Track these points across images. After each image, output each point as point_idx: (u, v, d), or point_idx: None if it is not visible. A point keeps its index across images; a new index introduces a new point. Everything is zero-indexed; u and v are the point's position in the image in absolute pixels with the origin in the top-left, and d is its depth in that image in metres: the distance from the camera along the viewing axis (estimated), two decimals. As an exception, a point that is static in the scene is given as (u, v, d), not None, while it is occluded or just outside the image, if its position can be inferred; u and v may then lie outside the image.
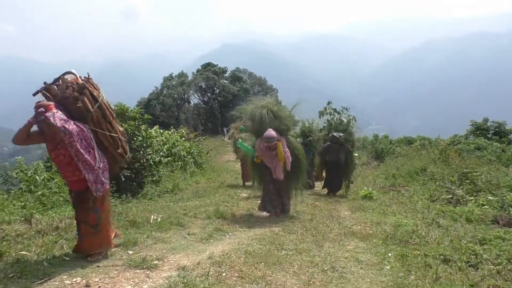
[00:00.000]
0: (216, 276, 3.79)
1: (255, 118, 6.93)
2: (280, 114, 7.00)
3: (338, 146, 9.73)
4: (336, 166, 9.79)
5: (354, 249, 5.01)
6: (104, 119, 4.20)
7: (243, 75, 49.78)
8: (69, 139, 3.67)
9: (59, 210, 6.19)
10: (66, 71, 4.19)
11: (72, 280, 3.58)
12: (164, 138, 14.48)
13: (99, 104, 4.10)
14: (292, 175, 7.02)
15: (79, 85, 4.03)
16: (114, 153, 4.36)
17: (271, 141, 6.56)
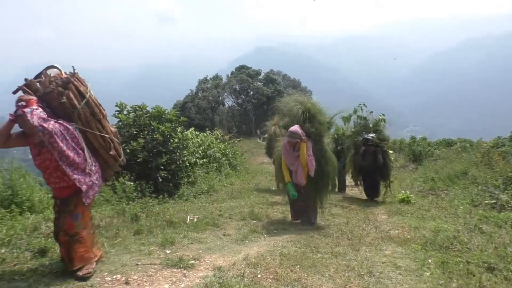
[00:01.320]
0: (252, 278, 3.80)
1: (290, 114, 6.60)
2: (316, 116, 6.53)
3: (373, 148, 9.23)
4: (374, 170, 9.26)
5: (391, 254, 4.89)
6: (93, 117, 3.77)
7: (277, 77, 49.78)
8: (49, 139, 3.26)
9: (100, 209, 6.39)
10: (48, 65, 3.80)
11: (112, 277, 3.69)
12: (199, 140, 14.69)
13: (86, 100, 3.68)
14: (315, 185, 6.46)
15: (63, 79, 3.63)
16: (105, 155, 3.93)
17: (293, 138, 6.09)
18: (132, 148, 8.46)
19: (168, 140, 9.26)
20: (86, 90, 3.73)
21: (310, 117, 6.46)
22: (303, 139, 6.11)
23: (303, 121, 6.38)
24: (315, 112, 6.53)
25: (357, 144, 9.72)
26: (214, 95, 44.70)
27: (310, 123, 6.40)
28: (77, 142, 3.54)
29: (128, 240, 5.12)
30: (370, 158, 9.21)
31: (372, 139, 9.35)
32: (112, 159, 3.99)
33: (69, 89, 3.55)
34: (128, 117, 9.21)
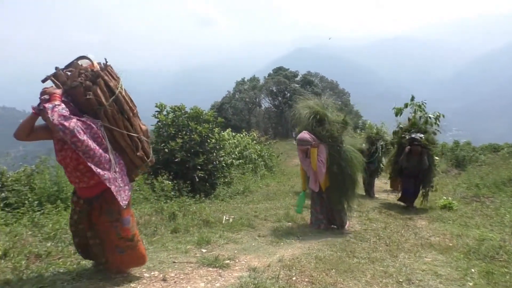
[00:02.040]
0: (286, 280, 3.79)
1: (300, 121, 6.32)
2: (326, 117, 6.22)
3: (420, 148, 8.36)
4: (417, 173, 8.48)
5: (432, 262, 4.72)
6: (121, 115, 3.48)
7: (314, 78, 49.34)
8: (71, 138, 2.99)
9: (139, 207, 6.57)
10: (80, 55, 3.49)
11: (150, 273, 3.79)
12: (236, 141, 14.80)
13: (115, 97, 3.38)
14: (336, 189, 6.19)
15: (93, 73, 3.31)
16: (132, 156, 3.62)
17: (302, 145, 5.95)
18: (171, 148, 8.65)
19: (206, 140, 9.39)
20: (116, 85, 3.44)
21: (320, 120, 6.18)
22: (314, 144, 5.90)
23: (313, 126, 6.11)
24: (324, 114, 6.22)
25: (401, 143, 8.88)
26: (251, 97, 44.90)
27: (321, 126, 6.12)
28: (100, 141, 3.25)
29: (166, 238, 5.25)
30: (415, 159, 8.39)
31: (420, 139, 8.49)
32: (139, 160, 3.68)
33: (97, 84, 3.26)
34: (167, 117, 9.42)
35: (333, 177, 6.09)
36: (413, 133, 8.68)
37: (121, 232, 3.42)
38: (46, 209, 5.48)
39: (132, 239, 3.50)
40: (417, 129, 8.88)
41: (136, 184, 7.67)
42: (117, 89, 3.42)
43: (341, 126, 6.24)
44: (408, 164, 8.47)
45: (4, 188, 5.96)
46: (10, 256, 3.90)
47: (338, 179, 6.09)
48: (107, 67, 3.48)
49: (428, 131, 8.98)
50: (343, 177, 6.10)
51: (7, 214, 5.32)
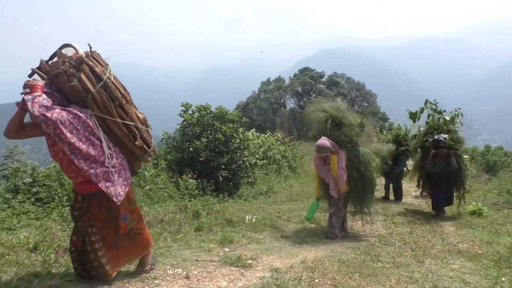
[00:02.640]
0: (309, 282, 3.76)
1: (316, 125, 6.07)
2: (344, 122, 5.94)
3: (445, 151, 7.75)
4: (447, 177, 7.81)
5: (460, 269, 4.58)
6: (113, 102, 3.24)
7: (341, 79, 48.86)
8: (55, 130, 2.80)
9: (164, 205, 6.66)
10: (64, 44, 3.29)
11: (174, 270, 3.83)
12: (260, 141, 14.79)
13: (103, 83, 3.16)
14: (355, 194, 6.01)
15: (76, 59, 3.11)
16: (130, 145, 3.41)
17: (322, 152, 5.68)
18: (195, 147, 8.73)
19: (230, 140, 9.44)
20: (103, 70, 3.22)
21: (338, 124, 5.91)
22: (334, 150, 5.66)
23: (330, 131, 5.85)
24: (341, 118, 5.94)
25: (425, 147, 8.26)
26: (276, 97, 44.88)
27: (339, 130, 5.85)
28: (91, 131, 3.06)
29: (189, 236, 5.30)
30: (442, 163, 7.77)
31: (444, 140, 7.88)
32: (139, 149, 3.48)
33: (81, 70, 3.05)
34: (192, 116, 9.51)
35: (353, 182, 5.88)
36: (436, 135, 8.05)
37: (119, 228, 3.30)
38: (75, 204, 5.62)
39: (129, 233, 3.41)
40: (439, 130, 8.23)
41: (161, 182, 7.79)
42: (105, 75, 3.19)
43: (359, 129, 6.02)
44: (435, 168, 7.85)
45: (35, 183, 6.14)
46: (40, 250, 4.01)
47: (357, 184, 5.91)
48: (93, 54, 3.28)
49: (452, 130, 8.29)
50: (362, 181, 5.92)
51: (38, 208, 5.49)
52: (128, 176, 3.36)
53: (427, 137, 8.28)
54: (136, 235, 3.47)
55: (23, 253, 3.85)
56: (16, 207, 5.32)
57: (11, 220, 4.75)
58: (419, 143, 8.60)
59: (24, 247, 3.97)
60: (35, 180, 6.21)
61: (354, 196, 6.04)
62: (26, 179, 6.12)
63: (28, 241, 4.08)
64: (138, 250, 3.58)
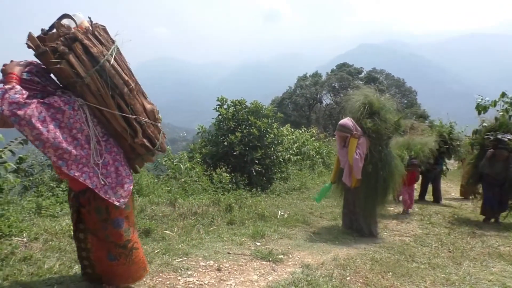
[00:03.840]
0: (340, 279, 3.73)
1: (350, 107, 5.79)
2: (379, 111, 5.63)
3: (507, 153, 6.98)
4: (502, 182, 7.04)
5: (500, 273, 4.40)
6: (112, 90, 2.72)
7: (380, 76, 47.72)
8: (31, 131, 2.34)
9: (198, 197, 6.79)
10: (64, 14, 2.73)
11: (206, 262, 3.91)
12: (294, 136, 14.73)
13: (99, 66, 2.62)
14: (365, 190, 5.61)
15: (70, 35, 2.56)
16: (132, 142, 2.89)
17: (341, 131, 5.45)
18: (230, 141, 8.82)
19: (264, 135, 9.45)
20: (102, 51, 2.66)
21: (372, 112, 5.61)
22: (354, 134, 5.38)
23: (360, 115, 5.56)
24: (378, 107, 5.65)
25: (484, 145, 7.49)
26: (312, 93, 44.43)
27: (370, 118, 5.56)
28: (80, 127, 2.58)
29: (222, 229, 5.39)
30: (500, 166, 7.03)
31: (507, 141, 7.02)
32: (141, 147, 2.94)
33: (73, 49, 2.53)
34: (227, 111, 9.60)
35: (365, 177, 5.51)
36: (499, 134, 7.21)
37: (111, 235, 2.82)
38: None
39: (125, 246, 2.87)
40: (505, 129, 7.37)
41: (195, 175, 7.93)
42: (104, 57, 2.65)
43: (393, 127, 5.69)
44: (491, 170, 7.12)
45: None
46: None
47: (370, 180, 5.56)
48: (96, 29, 2.76)
49: None
50: (376, 179, 5.58)
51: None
52: (129, 172, 2.87)
53: (489, 134, 7.44)
54: (133, 250, 2.94)
55: (65, 240, 4.04)
56: (59, 195, 5.58)
57: (55, 208, 4.98)
58: (478, 140, 7.79)
59: (66, 234, 4.16)
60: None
61: (363, 192, 5.64)
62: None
63: (70, 228, 4.24)
64: (136, 272, 3.05)
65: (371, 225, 5.80)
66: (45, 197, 5.40)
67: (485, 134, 7.56)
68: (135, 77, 2.97)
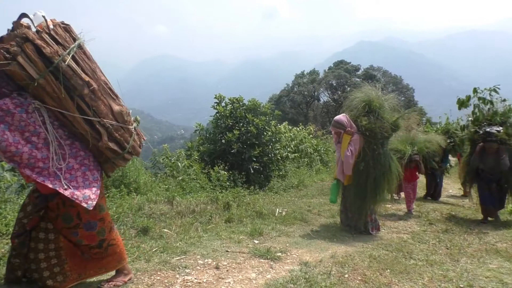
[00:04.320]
0: (338, 277, 3.73)
1: (350, 105, 5.76)
2: (377, 110, 5.56)
3: (496, 145, 6.66)
4: (498, 177, 6.79)
5: (497, 269, 4.41)
6: (70, 91, 2.58)
7: (377, 73, 47.74)
8: None
9: (195, 195, 6.78)
10: (21, 13, 2.57)
11: (204, 260, 3.91)
12: (292, 134, 14.75)
13: (53, 67, 2.48)
14: (354, 188, 5.59)
15: (21, 35, 2.43)
16: (98, 145, 2.75)
17: (335, 126, 5.49)
18: (228, 139, 8.82)
19: (262, 133, 9.46)
20: (56, 52, 2.51)
21: (370, 110, 5.56)
22: (348, 130, 5.40)
23: (357, 113, 5.56)
24: (376, 106, 5.59)
25: (474, 139, 7.19)
26: (309, 90, 44.44)
27: (365, 116, 5.52)
28: (33, 130, 2.46)
29: (220, 227, 5.39)
30: (491, 159, 6.74)
31: (495, 133, 6.70)
32: (108, 151, 2.80)
33: (24, 50, 2.41)
34: (225, 109, 9.60)
35: (356, 175, 5.51)
36: (487, 127, 6.92)
37: (83, 238, 2.77)
38: (111, 192, 5.82)
39: (100, 246, 2.86)
40: (491, 121, 7.12)
41: (193, 173, 7.92)
42: (59, 57, 2.50)
43: (389, 127, 5.59)
44: (484, 165, 6.85)
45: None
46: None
47: (360, 178, 5.52)
48: (56, 27, 2.61)
49: (508, 122, 7.08)
50: (366, 177, 5.50)
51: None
52: (97, 177, 2.75)
53: (476, 128, 7.22)
54: (109, 247, 2.95)
55: (62, 238, 4.02)
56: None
57: (52, 206, 4.96)
58: (469, 135, 7.52)
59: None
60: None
61: (353, 189, 5.62)
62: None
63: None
64: (111, 263, 3.03)
65: (366, 222, 5.76)
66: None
67: (472, 128, 7.33)
68: (105, 77, 2.86)
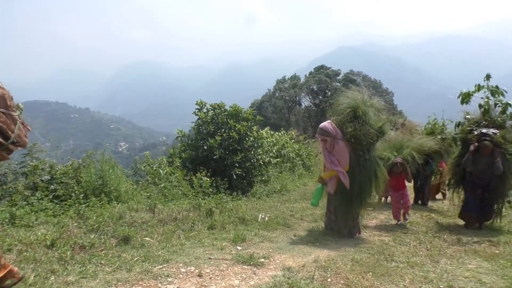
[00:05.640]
0: (321, 281, 3.75)
1: (337, 111, 5.80)
2: (363, 116, 5.62)
3: (492, 146, 6.23)
4: (487, 182, 6.40)
5: (476, 269, 4.51)
6: None
7: (357, 77, 48.38)
8: None
9: (178, 203, 6.73)
10: None
11: (186, 268, 3.88)
12: (274, 139, 14.78)
13: None
14: (341, 193, 5.65)
15: None
16: None
17: (321, 134, 5.54)
18: (210, 145, 8.79)
19: (244, 138, 9.46)
20: None
21: (355, 116, 5.61)
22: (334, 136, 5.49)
23: (343, 118, 5.61)
24: (361, 112, 5.63)
25: (468, 139, 6.67)
26: (291, 95, 44.68)
27: (351, 122, 5.57)
28: None
29: (202, 234, 5.36)
30: (484, 162, 6.28)
31: (492, 135, 6.30)
32: None
33: None
34: (207, 115, 9.57)
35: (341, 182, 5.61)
36: (483, 128, 6.48)
37: None
38: (91, 201, 5.72)
39: None
40: (491, 121, 6.67)
41: (175, 180, 7.86)
42: None
43: (375, 133, 5.64)
44: (475, 167, 6.40)
45: (53, 181, 6.28)
46: (57, 246, 4.10)
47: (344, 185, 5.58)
48: None
49: (507, 126, 6.65)
50: (352, 183, 5.56)
51: (55, 205, 5.60)
52: None
53: (472, 127, 6.71)
54: None
55: (41, 250, 3.94)
56: (34, 204, 5.44)
57: (29, 217, 4.86)
58: (461, 134, 6.95)
59: (41, 244, 4.06)
60: (53, 178, 6.34)
61: (338, 194, 5.70)
62: (44, 176, 6.26)
63: (45, 238, 4.16)
64: None
65: (350, 226, 5.81)
66: (19, 207, 5.25)
67: (468, 127, 6.82)
68: None
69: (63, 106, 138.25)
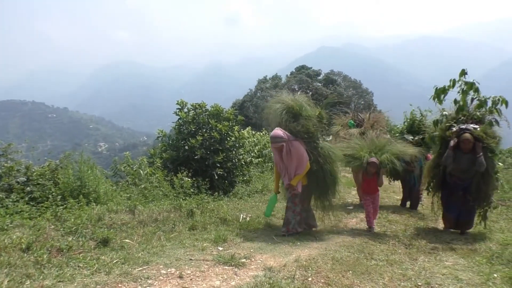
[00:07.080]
0: (302, 280, 3.77)
1: (273, 116, 6.01)
2: (302, 113, 5.90)
3: (473, 140, 5.78)
4: (469, 182, 6.00)
5: (453, 266, 4.61)
6: None
7: (337, 78, 48.88)
8: None
9: (158, 203, 6.65)
10: None
11: (167, 270, 3.84)
12: (255, 139, 14.78)
13: None
14: (315, 187, 5.92)
15: None
16: None
17: (276, 142, 5.62)
18: (191, 145, 8.72)
19: (225, 138, 9.43)
20: None
21: (294, 115, 5.89)
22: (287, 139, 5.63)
23: (286, 121, 5.82)
24: (298, 109, 5.91)
25: (446, 137, 6.20)
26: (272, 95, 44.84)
27: (295, 121, 5.83)
28: None
29: (183, 235, 5.32)
30: (465, 160, 5.84)
31: (472, 129, 5.90)
32: None
33: None
34: (188, 115, 9.50)
35: (313, 176, 5.82)
36: (462, 125, 6.07)
37: None
38: (69, 203, 5.60)
39: None
40: (469, 117, 6.24)
41: (156, 181, 7.77)
42: None
43: (317, 121, 6.02)
44: (456, 166, 5.94)
45: (29, 182, 6.12)
46: (33, 250, 3.99)
47: (318, 177, 5.85)
48: None
49: (487, 120, 6.12)
50: (323, 174, 5.86)
51: (31, 208, 5.45)
52: None
53: (451, 123, 6.27)
54: None
55: (16, 254, 3.83)
56: (9, 207, 5.29)
57: (4, 220, 4.71)
58: (440, 132, 6.44)
59: (16, 247, 3.95)
60: (29, 179, 6.19)
61: (315, 189, 5.97)
62: (20, 178, 6.10)
63: (20, 241, 4.05)
64: None
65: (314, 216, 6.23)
66: (-7, 209, 5.10)
67: (447, 123, 6.36)
68: None
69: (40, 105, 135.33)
